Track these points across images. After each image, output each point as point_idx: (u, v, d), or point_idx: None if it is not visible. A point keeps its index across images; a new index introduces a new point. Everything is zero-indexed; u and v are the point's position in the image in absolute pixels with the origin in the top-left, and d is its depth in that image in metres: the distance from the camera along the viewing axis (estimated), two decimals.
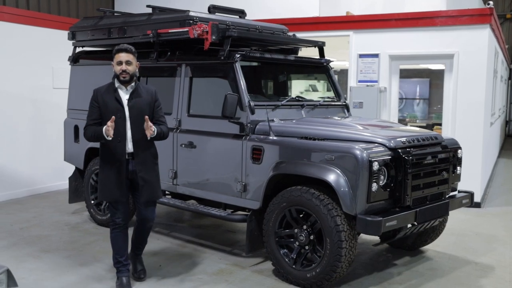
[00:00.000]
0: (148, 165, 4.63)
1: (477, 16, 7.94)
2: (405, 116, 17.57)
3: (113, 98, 4.53)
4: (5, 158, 8.22)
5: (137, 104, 4.56)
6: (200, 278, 5.03)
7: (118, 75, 4.53)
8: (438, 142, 5.26)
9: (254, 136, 5.22)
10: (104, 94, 4.57)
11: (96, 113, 4.56)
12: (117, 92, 4.56)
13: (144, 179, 4.59)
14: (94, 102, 4.59)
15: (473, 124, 8.05)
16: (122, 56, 4.51)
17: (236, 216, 5.46)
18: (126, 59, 4.52)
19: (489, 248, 6.12)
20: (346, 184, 4.49)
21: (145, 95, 4.64)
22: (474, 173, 8.05)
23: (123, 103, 4.54)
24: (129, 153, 4.56)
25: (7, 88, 8.22)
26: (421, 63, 9.57)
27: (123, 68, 4.50)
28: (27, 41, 8.43)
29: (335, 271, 4.58)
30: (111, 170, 4.54)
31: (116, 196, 4.56)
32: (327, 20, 8.95)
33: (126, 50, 4.55)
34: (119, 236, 4.67)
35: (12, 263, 5.32)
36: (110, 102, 4.53)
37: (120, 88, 4.58)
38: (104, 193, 4.62)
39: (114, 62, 4.56)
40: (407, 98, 18.82)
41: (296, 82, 9.40)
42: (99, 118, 4.55)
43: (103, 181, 4.59)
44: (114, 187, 4.54)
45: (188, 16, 5.66)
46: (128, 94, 4.57)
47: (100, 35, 6.75)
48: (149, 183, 4.62)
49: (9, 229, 6.60)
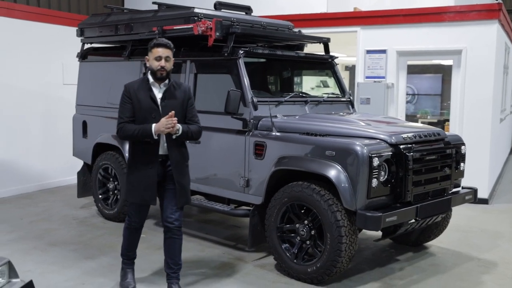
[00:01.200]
0: (183, 168, 4.39)
1: (485, 12, 7.89)
2: (417, 112, 17.52)
3: (148, 96, 4.25)
4: (16, 153, 8.35)
5: (171, 103, 4.27)
6: (202, 272, 5.10)
7: (155, 71, 4.22)
8: (441, 138, 5.26)
9: (257, 132, 5.27)
10: (137, 90, 4.28)
11: (130, 110, 4.26)
12: (152, 90, 4.28)
13: (180, 183, 4.34)
14: (127, 98, 4.28)
15: (481, 120, 8.02)
16: (161, 51, 4.22)
17: (239, 211, 5.52)
18: (166, 55, 4.24)
19: (493, 245, 6.11)
20: (347, 180, 4.52)
21: (179, 93, 4.35)
22: (482, 170, 8.02)
23: (157, 102, 4.27)
24: (161, 155, 4.31)
25: (19, 84, 8.35)
26: (429, 59, 9.54)
27: (162, 64, 4.20)
28: (38, 38, 8.55)
29: (335, 266, 4.61)
30: (142, 171, 4.27)
31: (146, 198, 4.32)
32: (334, 16, 8.95)
33: (166, 46, 4.26)
34: (133, 233, 4.57)
35: (19, 256, 5.44)
36: (144, 100, 4.25)
37: (153, 85, 4.29)
38: (133, 195, 4.35)
39: (150, 56, 4.25)
40: (419, 94, 18.75)
41: (306, 78, 9.44)
42: (133, 115, 4.26)
43: (133, 182, 4.34)
44: (144, 189, 4.28)
45: (193, 12, 5.71)
46: (162, 93, 4.29)
47: (107, 31, 6.84)
48: (183, 188, 4.37)
49: (19, 223, 6.72)
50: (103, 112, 6.87)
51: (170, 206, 4.37)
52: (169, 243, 4.43)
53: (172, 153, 4.30)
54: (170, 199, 4.37)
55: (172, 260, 4.45)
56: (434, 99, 17.22)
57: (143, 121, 4.21)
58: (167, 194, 4.38)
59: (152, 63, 4.24)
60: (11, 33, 8.19)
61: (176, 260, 4.46)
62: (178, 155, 4.35)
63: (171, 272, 4.48)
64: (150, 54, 4.26)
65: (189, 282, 4.82)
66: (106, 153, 6.76)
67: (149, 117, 4.21)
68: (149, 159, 4.27)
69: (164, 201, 4.41)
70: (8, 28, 8.14)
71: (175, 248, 4.44)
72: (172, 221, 4.37)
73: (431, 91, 17.50)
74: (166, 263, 4.50)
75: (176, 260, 4.46)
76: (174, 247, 4.44)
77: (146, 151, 4.27)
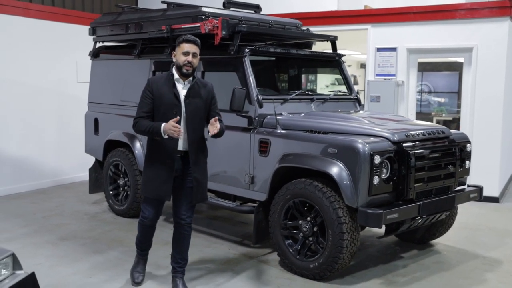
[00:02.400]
0: (201, 165, 4.39)
1: (496, 9, 7.84)
2: (432, 109, 17.41)
3: (171, 91, 4.23)
4: (31, 149, 8.54)
5: (194, 101, 4.27)
6: (207, 267, 5.18)
7: (181, 66, 4.20)
8: (445, 136, 5.27)
9: (261, 129, 5.33)
10: (160, 85, 4.26)
11: (149, 105, 4.25)
12: (176, 87, 4.26)
13: (198, 180, 4.33)
14: (149, 93, 4.26)
15: (492, 118, 7.98)
16: (189, 46, 4.21)
17: (244, 208, 5.59)
18: (193, 51, 4.22)
19: (500, 243, 6.10)
20: (348, 177, 4.56)
21: (203, 91, 4.35)
22: (492, 168, 7.99)
23: (180, 98, 4.25)
24: (179, 151, 4.30)
25: (34, 82, 8.53)
26: (440, 57, 9.50)
27: (189, 59, 4.19)
28: (53, 36, 8.72)
29: (337, 262, 4.66)
30: (159, 166, 4.28)
31: (161, 194, 4.33)
32: (344, 14, 8.97)
33: (194, 42, 4.24)
34: (145, 229, 4.61)
35: (31, 249, 5.60)
36: (167, 96, 4.23)
37: (178, 81, 4.28)
38: (149, 189, 4.36)
39: (178, 51, 4.23)
40: (436, 91, 18.61)
41: (321, 76, 9.47)
42: (152, 111, 4.26)
43: (150, 176, 4.34)
44: (160, 184, 4.29)
45: (200, 11, 5.79)
46: (186, 90, 4.27)
47: (118, 30, 6.96)
48: (201, 185, 4.38)
49: (32, 217, 6.89)
50: (114, 110, 6.99)
51: (186, 203, 4.40)
52: (179, 238, 4.49)
53: (193, 149, 4.30)
54: (186, 195, 4.38)
55: (180, 255, 4.53)
56: (450, 96, 17.09)
57: (163, 116, 4.19)
58: (183, 190, 4.39)
59: (179, 58, 4.22)
60: (27, 32, 8.37)
61: (183, 255, 4.54)
62: (198, 152, 4.36)
63: (178, 266, 4.55)
64: (178, 49, 4.24)
65: (193, 277, 4.91)
66: (116, 150, 6.88)
67: (170, 113, 4.19)
68: (168, 154, 4.26)
69: (179, 197, 4.41)
70: (24, 27, 8.32)
71: (184, 244, 4.50)
72: (185, 217, 4.41)
73: (447, 89, 17.37)
74: (173, 257, 4.57)
75: (183, 255, 4.54)
76: (183, 243, 4.50)
77: (165, 146, 4.25)
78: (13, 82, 8.25)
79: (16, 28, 8.23)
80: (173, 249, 4.56)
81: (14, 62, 8.25)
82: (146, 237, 4.68)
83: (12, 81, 8.23)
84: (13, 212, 7.14)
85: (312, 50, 6.81)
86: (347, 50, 13.87)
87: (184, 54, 4.20)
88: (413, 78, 8.69)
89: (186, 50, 4.19)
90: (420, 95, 20.85)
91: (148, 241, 4.72)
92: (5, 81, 8.15)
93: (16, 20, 8.23)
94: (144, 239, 4.69)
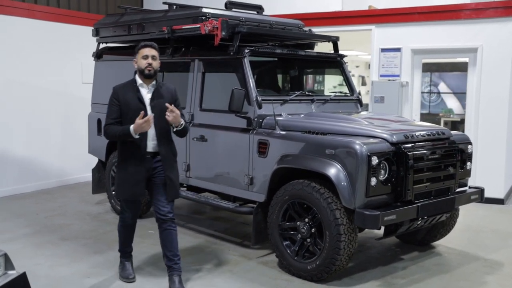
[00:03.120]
0: (171, 163, 4.57)
1: (501, 9, 7.78)
2: (440, 110, 17.29)
3: (135, 97, 4.45)
4: (37, 150, 8.61)
5: (159, 103, 4.46)
6: (205, 268, 5.19)
7: (143, 69, 4.43)
8: (445, 138, 5.23)
9: (261, 130, 5.32)
10: (125, 92, 4.48)
11: (117, 112, 4.47)
12: (140, 92, 4.48)
13: (170, 177, 4.52)
14: (115, 100, 4.49)
15: (497, 119, 7.91)
16: (148, 50, 4.45)
17: (243, 209, 5.59)
18: (152, 54, 4.46)
19: (503, 245, 6.04)
20: (346, 178, 4.54)
21: (166, 94, 4.55)
22: (498, 169, 7.93)
23: (145, 102, 4.47)
24: (149, 152, 4.50)
25: (39, 83, 8.59)
26: (444, 57, 9.44)
27: (149, 61, 4.43)
28: (58, 37, 8.77)
29: (334, 263, 4.64)
30: (131, 168, 4.47)
31: (136, 194, 4.54)
32: (348, 15, 8.94)
33: (151, 46, 4.50)
34: (127, 229, 4.78)
35: (32, 249, 5.63)
36: (133, 101, 4.44)
37: (142, 86, 4.50)
38: (123, 191, 4.56)
39: (138, 57, 4.48)
40: (445, 92, 18.49)
41: (329, 77, 9.44)
42: (120, 117, 4.46)
43: (123, 179, 4.54)
44: (133, 185, 4.48)
45: (201, 12, 5.80)
46: (151, 93, 4.50)
47: (121, 31, 6.99)
48: (173, 182, 4.55)
49: (35, 218, 6.93)
50: None
51: (162, 200, 4.53)
52: (166, 235, 4.56)
53: (162, 149, 4.50)
54: (161, 193, 4.53)
55: (170, 252, 4.57)
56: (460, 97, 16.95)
57: (130, 121, 4.34)
58: (157, 188, 4.54)
59: (140, 63, 4.46)
60: (32, 33, 8.43)
61: (174, 251, 4.58)
62: (168, 151, 4.55)
63: (172, 264, 4.60)
64: (138, 55, 4.48)
65: (191, 278, 4.92)
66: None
67: (136, 117, 4.29)
68: (138, 156, 4.45)
69: (156, 196, 4.56)
70: (29, 29, 8.38)
71: (172, 240, 4.57)
72: (165, 213, 4.52)
73: (457, 89, 17.25)
74: (165, 256, 4.61)
75: (174, 251, 4.58)
76: (171, 239, 4.57)
77: (135, 148, 4.45)
78: (18, 83, 8.31)
79: (21, 30, 8.29)
80: (163, 249, 4.61)
81: (20, 63, 8.32)
82: (129, 238, 4.83)
83: (17, 82, 8.30)
84: (16, 212, 7.19)
85: (314, 50, 6.80)
86: (355, 51, 13.84)
87: (144, 58, 4.44)
88: (417, 78, 8.64)
89: (146, 54, 4.44)
90: (429, 95, 20.76)
91: (131, 242, 4.87)
92: (10, 82, 8.22)
93: (21, 21, 8.29)
94: (126, 242, 4.84)
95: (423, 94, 20.29)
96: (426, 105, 20.30)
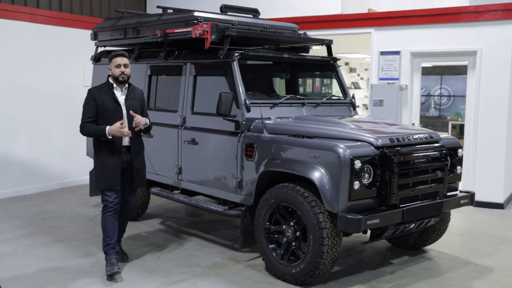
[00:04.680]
0: (140, 156, 5.22)
1: (501, 12, 7.70)
2: (449, 114, 17.12)
3: (111, 98, 5.01)
4: (38, 152, 8.71)
5: (132, 103, 5.10)
6: (192, 271, 5.20)
7: (117, 77, 5.00)
8: (434, 141, 5.19)
9: (249, 134, 5.33)
10: (101, 94, 5.01)
11: (93, 111, 4.97)
12: (114, 93, 5.05)
13: (138, 168, 5.17)
14: (91, 101, 4.99)
15: (497, 122, 7.83)
16: (120, 59, 5.02)
17: (231, 212, 5.59)
18: (124, 62, 5.02)
19: (496, 250, 5.97)
20: (329, 182, 4.53)
21: (137, 95, 5.20)
22: (497, 173, 7.84)
23: (120, 103, 5.03)
24: (124, 146, 5.06)
25: (41, 85, 8.70)
26: (444, 60, 9.36)
27: (122, 70, 5.00)
28: (60, 41, 8.88)
29: (317, 267, 4.62)
30: (108, 161, 4.99)
31: (112, 184, 5.00)
32: (348, 18, 8.91)
33: (123, 55, 5.06)
34: (110, 219, 5.03)
35: (24, 251, 5.70)
36: (108, 102, 4.98)
37: (116, 89, 5.07)
38: (101, 182, 5.01)
39: (111, 65, 5.03)
40: (455, 95, 18.33)
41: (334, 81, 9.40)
42: (96, 116, 4.98)
43: (101, 171, 5.02)
44: (110, 176, 4.98)
45: (192, 16, 5.82)
46: (124, 95, 5.09)
47: (117, 35, 7.04)
48: (140, 172, 5.19)
49: (31, 219, 7.01)
50: None
51: (128, 189, 5.20)
52: (122, 219, 5.29)
53: (134, 144, 5.11)
54: (128, 182, 5.16)
55: (120, 228, 5.33)
56: None
57: (105, 119, 4.92)
58: (127, 178, 5.15)
59: (113, 71, 5.03)
60: (34, 37, 8.54)
61: (124, 228, 5.46)
62: (138, 145, 5.19)
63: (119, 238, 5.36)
64: (111, 63, 5.05)
65: (176, 280, 4.94)
66: None
67: (112, 116, 4.94)
68: (114, 150, 4.99)
69: (124, 184, 5.13)
70: (32, 32, 8.50)
71: (126, 222, 5.43)
72: (130, 202, 5.31)
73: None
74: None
75: (124, 228, 5.46)
76: (125, 221, 5.41)
77: (112, 144, 4.97)
78: (20, 86, 8.43)
79: (24, 33, 8.40)
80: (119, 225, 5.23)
81: (22, 67, 8.44)
82: (112, 229, 5.05)
83: (19, 85, 8.42)
84: (15, 214, 7.28)
85: (308, 54, 6.79)
86: (360, 54, 13.80)
87: (117, 66, 5.01)
88: (417, 82, 8.59)
89: (118, 63, 5.01)
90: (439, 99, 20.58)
91: (114, 234, 5.11)
92: (12, 85, 8.34)
93: (23, 25, 8.40)
94: (111, 233, 5.05)
95: (434, 97, 20.21)
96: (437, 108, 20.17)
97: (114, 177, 4.99)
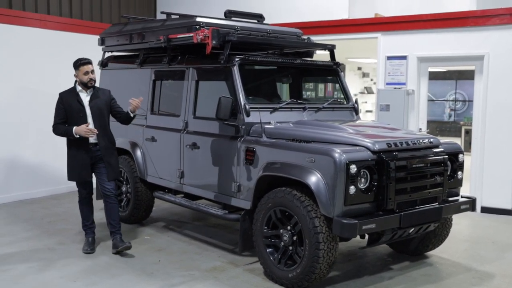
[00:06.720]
0: (110, 151, 5.77)
1: (508, 16, 7.63)
2: (463, 119, 16.94)
3: (76, 100, 5.65)
4: (47, 155, 8.82)
5: (96, 103, 5.69)
6: (191, 274, 5.23)
7: (86, 83, 5.66)
8: (433, 146, 5.16)
9: (248, 138, 5.35)
10: (68, 98, 5.66)
11: (62, 113, 5.66)
12: (79, 96, 5.69)
13: (109, 162, 5.74)
14: (60, 105, 5.68)
15: (504, 127, 7.75)
16: (87, 67, 5.67)
17: (231, 216, 5.62)
18: (91, 69, 5.70)
19: (499, 257, 5.90)
20: (324, 186, 4.53)
21: (102, 95, 5.80)
22: (505, 179, 7.75)
23: (84, 104, 5.66)
24: (91, 143, 5.66)
25: (51, 90, 8.66)
26: (451, 65, 9.31)
27: (90, 76, 5.68)
28: (71, 47, 8.97)
29: (313, 272, 4.62)
30: (77, 156, 5.64)
31: (83, 177, 5.72)
32: (354, 23, 8.91)
33: (89, 62, 5.72)
34: (85, 205, 5.90)
35: (27, 253, 5.79)
36: (74, 104, 5.63)
37: (81, 92, 5.71)
38: (73, 175, 5.74)
39: (79, 73, 5.66)
40: (470, 100, 18.12)
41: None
42: (65, 117, 5.65)
43: (71, 166, 5.72)
44: (81, 169, 5.66)
45: (195, 21, 5.87)
46: (89, 96, 5.71)
47: (123, 40, 7.13)
48: (112, 166, 5.76)
49: (38, 222, 7.11)
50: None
51: (105, 179, 5.75)
52: (109, 209, 5.82)
53: (101, 140, 5.67)
54: (104, 175, 5.75)
55: (114, 221, 5.82)
56: None
57: (72, 120, 5.59)
58: (100, 171, 5.76)
59: (82, 77, 5.66)
60: (45, 43, 8.68)
61: (116, 221, 5.83)
62: (106, 141, 5.73)
63: (114, 229, 5.83)
64: (79, 71, 5.67)
65: (174, 283, 4.98)
66: (120, 157, 7.02)
67: (77, 116, 5.59)
68: (83, 146, 5.62)
69: (99, 177, 5.79)
70: (42, 38, 8.63)
71: (114, 212, 5.83)
72: (109, 189, 5.77)
73: None
74: (108, 223, 5.87)
75: (116, 221, 5.83)
76: (113, 211, 5.83)
77: (80, 141, 5.59)
78: (30, 91, 8.57)
79: (34, 39, 8.54)
80: (107, 218, 5.87)
81: (32, 72, 8.57)
82: (87, 214, 5.93)
83: (29, 90, 8.56)
84: (22, 217, 7.39)
85: (312, 58, 6.80)
86: (372, 59, 13.75)
87: (85, 73, 5.65)
88: (423, 86, 8.54)
89: (86, 70, 5.65)
90: (454, 104, 20.36)
91: (90, 218, 5.96)
92: (22, 90, 8.48)
93: (34, 31, 8.55)
94: (86, 217, 5.94)
95: (448, 102, 20.01)
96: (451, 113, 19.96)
97: (85, 170, 5.64)
